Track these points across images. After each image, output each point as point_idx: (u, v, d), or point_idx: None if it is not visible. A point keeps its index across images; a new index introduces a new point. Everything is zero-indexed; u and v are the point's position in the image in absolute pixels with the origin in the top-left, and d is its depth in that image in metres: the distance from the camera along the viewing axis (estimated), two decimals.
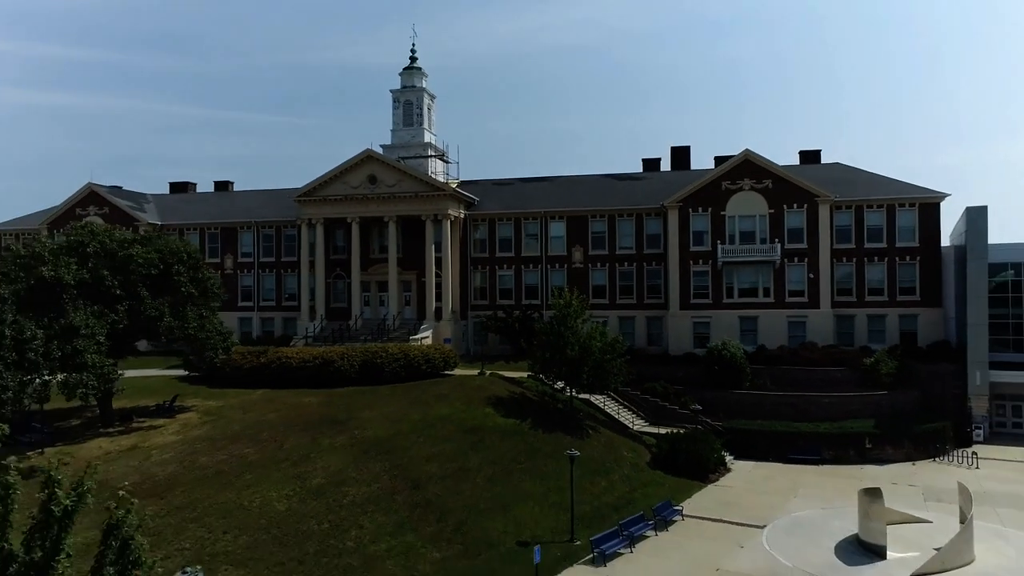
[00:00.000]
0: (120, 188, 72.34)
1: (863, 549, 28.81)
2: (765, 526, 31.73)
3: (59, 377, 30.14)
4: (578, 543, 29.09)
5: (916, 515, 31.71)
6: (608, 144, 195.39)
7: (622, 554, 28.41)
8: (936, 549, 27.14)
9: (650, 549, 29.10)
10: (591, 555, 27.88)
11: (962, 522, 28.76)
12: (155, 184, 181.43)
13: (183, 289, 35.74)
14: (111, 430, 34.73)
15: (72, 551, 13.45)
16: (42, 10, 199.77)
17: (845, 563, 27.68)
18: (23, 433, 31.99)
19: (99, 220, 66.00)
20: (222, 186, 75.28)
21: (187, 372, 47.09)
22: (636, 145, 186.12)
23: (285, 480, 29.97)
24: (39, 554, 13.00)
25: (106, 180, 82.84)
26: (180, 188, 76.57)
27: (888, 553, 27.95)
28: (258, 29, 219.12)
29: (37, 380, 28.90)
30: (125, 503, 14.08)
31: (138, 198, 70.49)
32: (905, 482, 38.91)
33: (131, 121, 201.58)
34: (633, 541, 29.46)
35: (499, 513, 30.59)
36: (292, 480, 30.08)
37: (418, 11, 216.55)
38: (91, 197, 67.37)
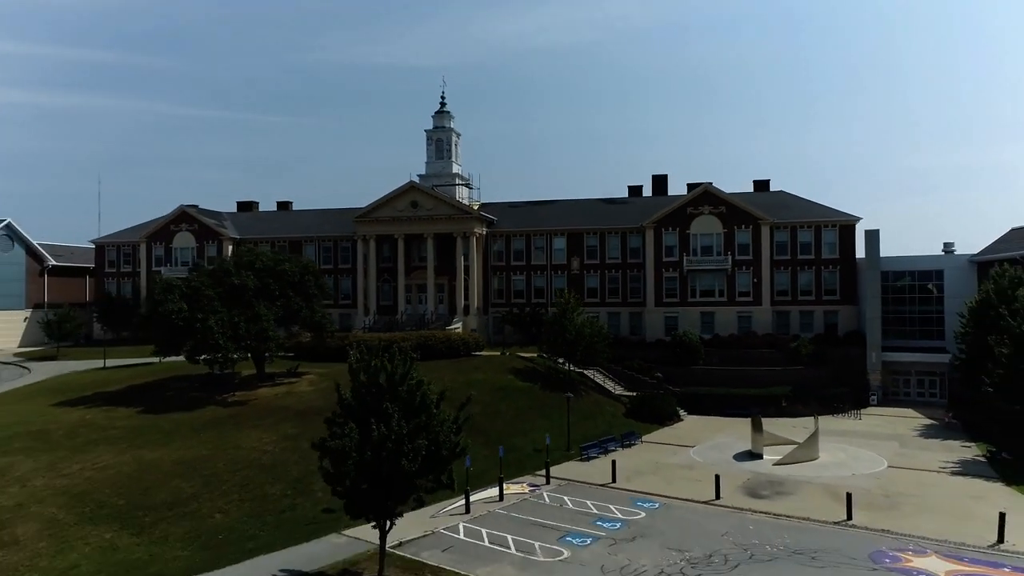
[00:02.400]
0: (197, 207, 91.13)
1: (750, 455, 47.63)
2: (695, 446, 50.61)
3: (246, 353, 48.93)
4: (571, 452, 47.83)
5: (792, 439, 50.45)
6: (599, 146, 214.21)
7: (598, 457, 47.10)
8: None
9: (617, 455, 47.68)
10: (580, 457, 46.70)
11: (811, 437, 47.58)
12: (162, 184, 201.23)
13: (311, 291, 54.55)
14: (266, 384, 53.45)
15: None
16: (46, 11, 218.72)
17: (736, 461, 46.50)
18: (212, 385, 50.92)
19: (191, 235, 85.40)
20: (283, 205, 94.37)
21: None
22: (626, 145, 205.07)
23: None
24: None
25: (111, 180, 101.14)
26: (245, 207, 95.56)
27: (764, 457, 46.79)
28: (258, 31, 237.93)
29: (240, 351, 47.72)
30: (406, 355, 29.74)
31: (218, 216, 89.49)
32: (801, 426, 57.34)
33: (133, 122, 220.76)
34: (607, 451, 48.20)
35: (521, 435, 49.37)
36: None
37: (416, 11, 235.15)
38: (183, 216, 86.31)
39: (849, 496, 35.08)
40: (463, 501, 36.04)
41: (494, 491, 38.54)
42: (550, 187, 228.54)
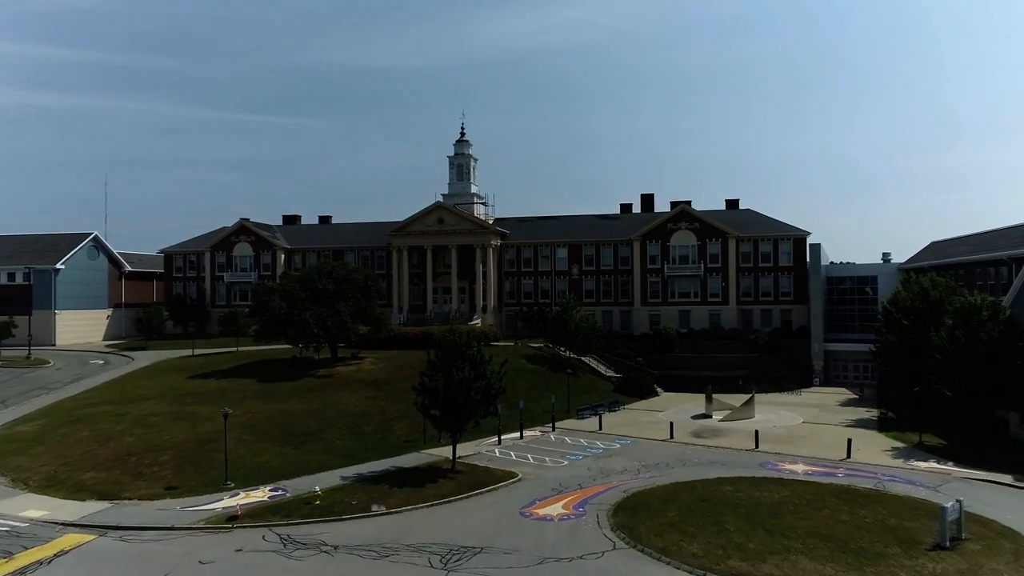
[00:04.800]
0: (248, 219, 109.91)
1: (703, 416, 66.50)
2: (664, 411, 69.56)
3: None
4: (570, 413, 66.52)
5: (735, 405, 69.32)
6: (592, 149, 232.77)
7: (591, 417, 65.82)
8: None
9: (604, 416, 66.23)
10: (577, 416, 65.50)
11: (747, 402, 66.51)
12: (168, 185, 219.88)
13: (372, 293, 73.50)
14: (339, 365, 72.41)
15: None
16: (51, 13, 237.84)
17: (691, 420, 65.30)
18: (298, 365, 70.25)
19: (248, 245, 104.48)
20: (324, 219, 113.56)
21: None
22: (619, 148, 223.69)
23: None
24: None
25: (115, 181, 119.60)
26: (289, 220, 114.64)
27: (713, 417, 65.67)
28: (260, 32, 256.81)
29: (327, 339, 67.00)
30: (469, 335, 49.06)
31: (271, 228, 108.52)
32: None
33: (135, 122, 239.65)
34: (597, 413, 66.83)
35: (533, 402, 67.84)
36: None
37: (416, 12, 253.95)
38: (241, 229, 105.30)
39: (757, 433, 54.07)
40: (496, 438, 54.94)
41: (516, 434, 57.47)
42: (551, 182, 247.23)
